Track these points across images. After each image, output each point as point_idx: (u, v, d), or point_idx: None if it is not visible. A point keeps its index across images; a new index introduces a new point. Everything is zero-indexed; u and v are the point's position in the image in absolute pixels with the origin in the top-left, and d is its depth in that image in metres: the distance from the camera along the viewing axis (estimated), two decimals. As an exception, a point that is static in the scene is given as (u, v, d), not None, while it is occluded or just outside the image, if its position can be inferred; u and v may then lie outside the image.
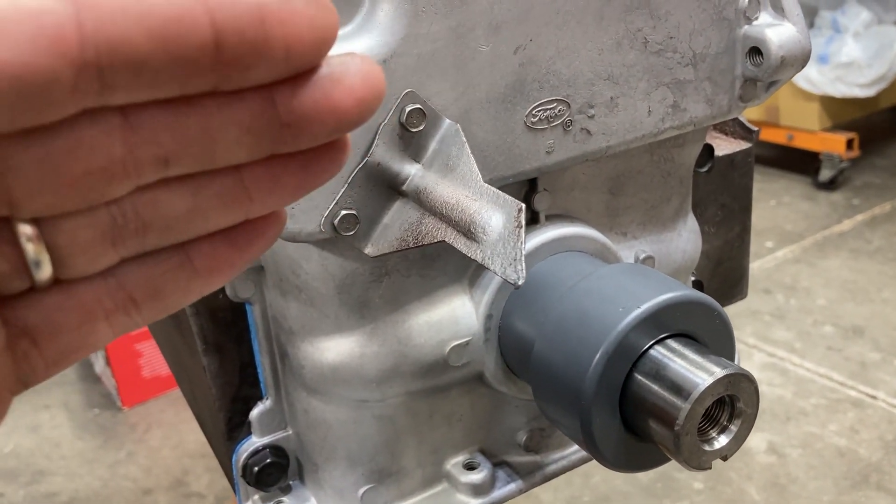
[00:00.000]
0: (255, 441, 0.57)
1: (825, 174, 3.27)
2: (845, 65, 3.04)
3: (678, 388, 0.44)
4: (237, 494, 0.59)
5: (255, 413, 0.57)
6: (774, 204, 3.22)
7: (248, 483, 0.57)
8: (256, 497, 0.59)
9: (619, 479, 1.93)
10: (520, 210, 0.39)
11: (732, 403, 0.46)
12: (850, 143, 3.24)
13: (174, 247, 0.24)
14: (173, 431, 2.20)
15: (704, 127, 0.58)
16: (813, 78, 3.10)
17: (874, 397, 2.16)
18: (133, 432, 2.22)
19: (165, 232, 0.23)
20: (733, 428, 0.46)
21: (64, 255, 0.22)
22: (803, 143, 3.31)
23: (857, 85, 3.08)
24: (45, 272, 0.22)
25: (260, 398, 0.57)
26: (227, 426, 0.57)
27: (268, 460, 0.57)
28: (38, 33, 0.18)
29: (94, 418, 2.25)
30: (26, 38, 0.18)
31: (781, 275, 2.73)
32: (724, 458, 0.46)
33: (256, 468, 0.57)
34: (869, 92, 3.08)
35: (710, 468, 0.46)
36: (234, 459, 0.58)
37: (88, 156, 0.20)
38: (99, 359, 2.27)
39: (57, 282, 0.23)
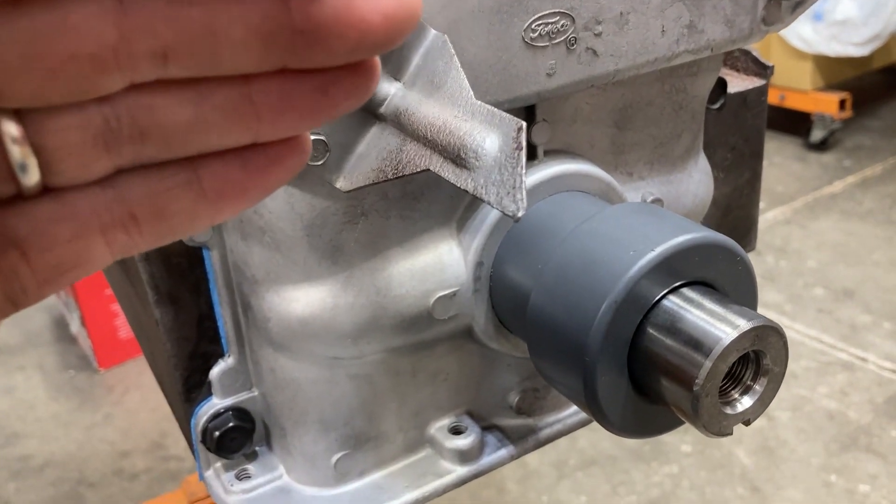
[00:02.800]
0: (215, 403, 0.52)
1: (817, 135, 3.23)
2: (840, 22, 2.98)
3: (697, 343, 0.39)
4: (197, 462, 0.54)
5: (215, 372, 0.51)
6: (765, 164, 3.17)
7: (209, 449, 0.52)
8: (218, 465, 0.54)
9: (606, 442, 1.90)
10: (519, 129, 0.32)
11: (758, 360, 0.40)
12: (842, 104, 3.20)
13: (181, 162, 0.22)
14: (151, 393, 2.16)
15: (721, 53, 0.52)
16: (807, 36, 3.04)
17: (864, 360, 2.14)
18: (110, 394, 2.17)
19: (164, 143, 0.21)
20: (758, 388, 0.41)
21: (52, 158, 0.20)
22: (795, 103, 3.27)
23: (851, 43, 3.02)
24: (31, 177, 0.20)
25: (221, 355, 0.52)
26: (184, 386, 0.51)
27: (230, 424, 0.52)
28: None
29: (69, 380, 2.20)
30: None
31: (772, 236, 2.70)
32: (747, 423, 0.41)
33: (217, 433, 0.51)
34: (863, 51, 3.03)
35: (731, 434, 0.40)
36: (192, 423, 0.52)
37: (76, 38, 0.19)
38: (75, 319, 2.22)
39: (48, 190, 0.21)
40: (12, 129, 0.20)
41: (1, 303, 0.21)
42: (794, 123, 3.31)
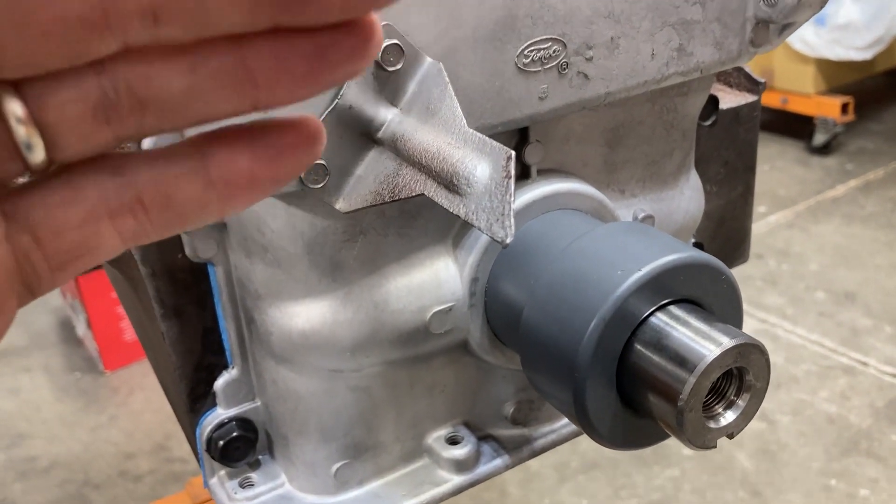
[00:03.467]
0: (220, 413, 0.53)
1: (819, 139, 3.24)
2: (843, 26, 2.98)
3: (682, 360, 0.40)
4: (202, 470, 0.55)
5: (219, 383, 0.53)
6: (767, 168, 3.18)
7: (213, 458, 0.53)
8: (223, 473, 0.55)
9: (607, 446, 1.91)
10: (509, 158, 0.34)
11: (741, 376, 0.42)
12: (844, 108, 3.21)
13: (187, 149, 0.22)
14: (156, 395, 2.17)
15: (711, 74, 0.53)
16: (809, 40, 3.05)
17: (865, 364, 2.15)
18: (115, 396, 2.19)
19: (164, 113, 0.22)
20: (741, 403, 0.42)
21: (54, 133, 0.21)
22: (797, 106, 3.27)
23: (853, 47, 3.03)
24: (38, 155, 0.21)
25: (225, 367, 0.53)
26: (189, 397, 0.53)
27: (234, 434, 0.53)
28: None
29: (75, 382, 2.21)
30: None
31: (774, 240, 2.71)
32: (731, 437, 0.42)
33: (222, 442, 0.53)
34: (866, 55, 3.04)
35: (715, 447, 0.42)
36: (197, 433, 0.53)
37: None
38: (80, 322, 2.24)
39: (57, 174, 0.22)
40: (17, 108, 0.20)
41: (18, 289, 0.22)
42: (797, 127, 3.31)
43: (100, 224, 0.22)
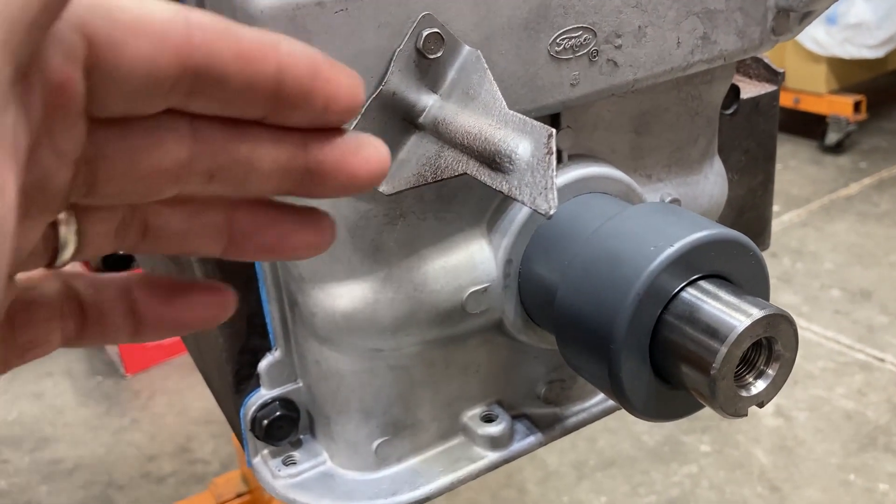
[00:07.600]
0: (263, 394, 0.55)
1: (832, 137, 3.24)
2: (854, 25, 2.99)
3: (714, 331, 0.42)
4: (245, 449, 0.57)
5: (263, 365, 0.55)
6: (781, 168, 3.19)
7: (257, 437, 0.55)
8: (266, 452, 0.57)
9: (625, 443, 1.92)
10: (550, 135, 0.36)
11: (770, 346, 0.44)
12: (857, 106, 3.21)
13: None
14: (177, 398, 2.19)
15: (733, 62, 0.55)
16: (821, 39, 3.05)
17: (882, 360, 2.15)
18: (137, 399, 2.21)
19: (157, 241, 0.27)
20: (770, 372, 0.44)
21: (83, 242, 0.26)
22: (810, 105, 3.27)
23: (865, 46, 3.03)
24: (67, 254, 0.26)
25: (268, 349, 0.55)
26: (234, 379, 0.55)
27: (277, 413, 0.55)
28: (165, 39, 0.22)
29: (97, 385, 2.24)
30: (157, 41, 0.22)
31: (788, 239, 2.71)
32: (761, 405, 0.44)
33: (266, 421, 0.55)
34: (878, 53, 3.04)
35: (746, 415, 0.44)
36: (242, 413, 0.55)
37: (163, 155, 0.24)
38: (100, 327, 2.26)
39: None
40: (69, 217, 0.25)
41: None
42: (810, 126, 3.32)
43: (52, 325, 0.28)
